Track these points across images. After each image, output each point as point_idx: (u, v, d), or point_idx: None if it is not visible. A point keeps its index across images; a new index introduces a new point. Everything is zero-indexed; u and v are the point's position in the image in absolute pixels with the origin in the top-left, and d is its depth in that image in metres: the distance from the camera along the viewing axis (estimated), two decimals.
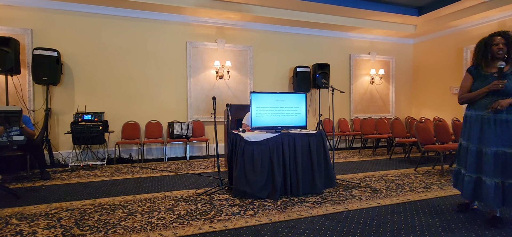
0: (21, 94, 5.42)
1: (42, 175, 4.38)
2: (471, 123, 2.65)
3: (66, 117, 5.71)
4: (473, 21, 6.84)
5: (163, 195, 3.55)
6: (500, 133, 2.49)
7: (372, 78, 8.19)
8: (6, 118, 3.51)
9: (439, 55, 7.86)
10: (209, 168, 5.20)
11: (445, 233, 2.47)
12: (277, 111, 3.73)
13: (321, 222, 2.71)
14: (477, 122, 2.60)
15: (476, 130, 2.61)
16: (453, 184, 2.89)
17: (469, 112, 2.71)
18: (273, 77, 7.26)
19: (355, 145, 7.97)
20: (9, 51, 4.92)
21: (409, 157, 6.15)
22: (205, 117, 6.67)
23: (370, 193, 3.60)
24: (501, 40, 2.52)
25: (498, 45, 2.52)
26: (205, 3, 5.98)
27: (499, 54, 2.53)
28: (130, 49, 6.15)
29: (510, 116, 2.48)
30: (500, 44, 2.51)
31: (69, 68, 5.79)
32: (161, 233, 2.48)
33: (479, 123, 2.58)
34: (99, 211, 3.01)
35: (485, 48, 2.59)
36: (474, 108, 2.66)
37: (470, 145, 2.65)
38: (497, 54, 2.53)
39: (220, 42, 6.71)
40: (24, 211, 3.01)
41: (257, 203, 3.23)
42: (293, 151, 3.53)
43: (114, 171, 4.98)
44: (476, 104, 2.63)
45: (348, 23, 7.13)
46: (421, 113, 8.32)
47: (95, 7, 5.83)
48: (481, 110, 2.59)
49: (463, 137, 2.75)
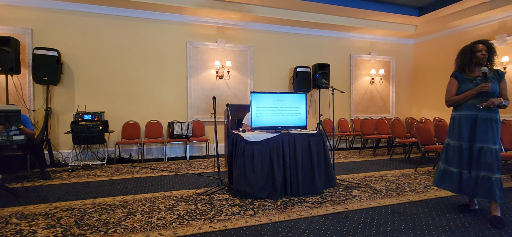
0: (21, 93, 5.42)
1: (42, 175, 4.38)
2: (461, 123, 2.81)
3: (66, 117, 5.71)
4: (474, 22, 6.84)
5: (163, 195, 3.55)
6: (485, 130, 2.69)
7: (373, 78, 8.18)
8: (6, 118, 3.51)
9: (439, 56, 7.85)
10: (209, 168, 5.20)
11: (445, 234, 2.47)
12: (277, 111, 3.73)
13: (321, 222, 2.71)
14: (468, 121, 2.77)
15: (468, 129, 2.77)
16: (436, 183, 2.98)
17: (458, 113, 2.86)
18: (273, 77, 7.26)
19: (355, 145, 7.96)
20: (10, 51, 4.93)
21: (410, 158, 6.15)
22: (205, 117, 6.67)
23: (370, 194, 3.60)
24: (483, 47, 2.77)
25: (481, 52, 2.76)
26: (206, 3, 5.98)
27: (483, 60, 2.76)
28: (130, 49, 6.15)
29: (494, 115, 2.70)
30: (483, 51, 2.76)
31: (69, 68, 5.79)
32: (161, 233, 2.47)
33: (470, 122, 2.76)
34: (99, 211, 3.01)
35: (470, 54, 2.81)
36: (463, 108, 2.83)
37: (462, 144, 2.79)
38: (481, 60, 2.76)
39: (220, 42, 6.71)
40: (24, 211, 3.01)
41: (257, 203, 3.23)
42: (293, 151, 3.53)
43: (114, 171, 4.98)
44: (465, 105, 2.81)
45: (349, 23, 7.13)
46: (422, 113, 8.32)
47: (96, 7, 5.83)
48: (470, 110, 2.77)
49: (452, 137, 2.89)
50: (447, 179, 2.89)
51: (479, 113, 2.70)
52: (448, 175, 2.88)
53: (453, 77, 2.94)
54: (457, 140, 2.83)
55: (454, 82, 2.92)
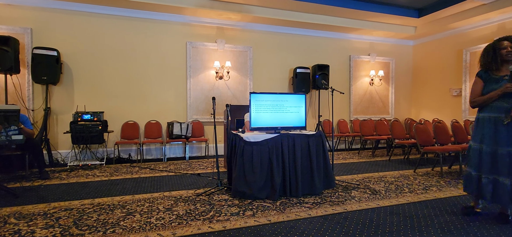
0: (20, 93, 5.41)
1: (41, 175, 4.37)
2: (484, 125, 2.67)
3: (66, 117, 5.70)
4: (473, 23, 6.85)
5: (162, 195, 3.54)
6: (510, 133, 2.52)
7: (372, 80, 8.19)
8: (5, 117, 3.50)
9: (439, 57, 7.87)
10: (208, 168, 5.20)
11: (444, 234, 2.47)
12: (277, 112, 3.73)
13: (320, 223, 2.71)
14: (491, 123, 2.62)
15: (490, 131, 2.63)
16: (464, 188, 2.87)
17: (482, 115, 2.72)
18: (273, 78, 7.26)
19: (355, 146, 7.97)
20: (9, 50, 4.92)
21: (409, 159, 6.15)
22: (205, 117, 6.67)
23: (369, 194, 3.60)
24: (508, 44, 2.59)
25: (507, 49, 2.59)
26: (205, 4, 5.98)
27: (509, 57, 2.59)
28: (130, 49, 6.15)
29: None
30: (508, 47, 2.59)
31: (68, 68, 5.78)
32: (160, 233, 2.47)
33: (493, 124, 2.61)
34: (97, 211, 3.00)
35: (494, 52, 2.64)
36: (487, 110, 2.68)
37: (483, 147, 2.66)
38: (507, 57, 2.59)
39: (220, 42, 6.72)
40: (23, 211, 3.00)
41: (256, 203, 3.23)
42: (292, 152, 3.53)
43: (113, 171, 4.97)
44: (489, 106, 2.66)
45: (348, 24, 7.14)
46: (421, 114, 8.33)
47: (95, 6, 5.83)
48: (494, 112, 2.61)
49: (475, 140, 2.75)
50: (469, 183, 2.77)
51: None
52: (470, 179, 2.76)
53: (478, 77, 2.76)
54: (479, 143, 2.70)
55: (479, 82, 2.74)
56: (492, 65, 2.67)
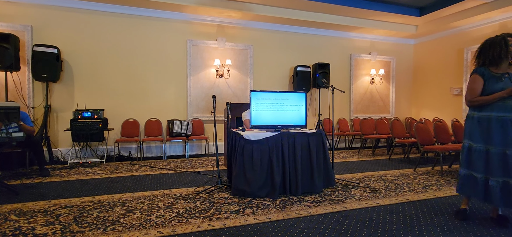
0: (20, 90, 5.41)
1: (41, 172, 4.38)
2: (490, 125, 2.51)
3: (66, 114, 5.71)
4: (474, 22, 6.83)
5: (162, 193, 3.55)
6: None
7: (373, 78, 8.18)
8: (6, 115, 3.50)
9: (440, 56, 7.85)
10: (209, 166, 5.20)
11: (444, 234, 2.47)
12: (277, 110, 3.72)
13: (320, 221, 2.71)
14: (498, 123, 2.47)
15: (497, 132, 2.47)
16: (458, 189, 2.74)
17: (484, 114, 2.55)
18: (273, 76, 7.26)
19: (355, 145, 7.96)
20: (9, 48, 4.92)
21: (409, 158, 6.15)
22: (205, 115, 6.66)
23: (369, 193, 3.60)
24: None
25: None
26: (206, 2, 5.97)
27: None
28: (130, 46, 6.14)
29: None
30: None
31: (69, 65, 5.78)
32: (160, 231, 2.48)
33: (500, 124, 2.47)
34: (98, 208, 3.00)
35: (505, 48, 2.47)
36: (492, 109, 2.52)
37: (490, 148, 2.50)
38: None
39: (220, 40, 6.71)
40: (23, 208, 3.01)
41: (256, 201, 3.23)
42: (292, 150, 3.53)
43: (113, 168, 4.97)
44: (495, 105, 2.50)
45: (349, 23, 7.12)
46: (421, 113, 8.32)
47: (96, 4, 5.82)
48: (503, 112, 2.46)
49: (475, 140, 2.59)
50: (470, 186, 2.62)
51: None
52: (471, 181, 2.61)
53: (478, 75, 2.57)
54: (483, 143, 2.54)
55: (478, 80, 2.55)
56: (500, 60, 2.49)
